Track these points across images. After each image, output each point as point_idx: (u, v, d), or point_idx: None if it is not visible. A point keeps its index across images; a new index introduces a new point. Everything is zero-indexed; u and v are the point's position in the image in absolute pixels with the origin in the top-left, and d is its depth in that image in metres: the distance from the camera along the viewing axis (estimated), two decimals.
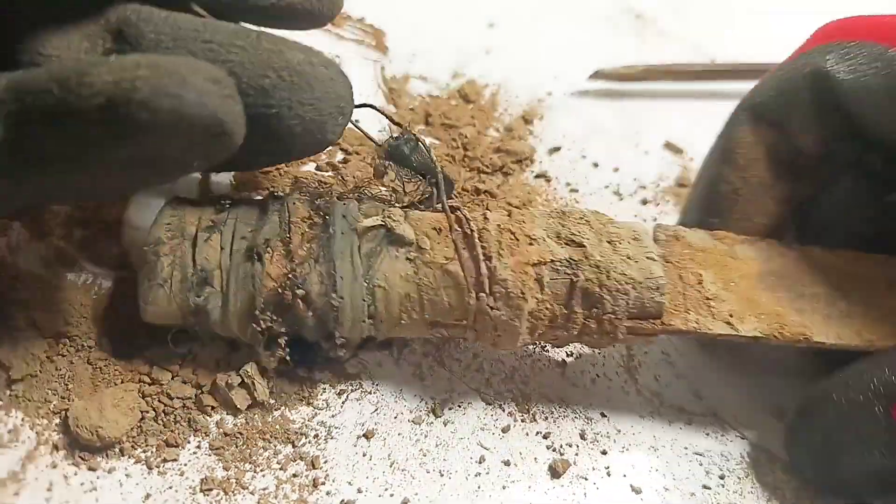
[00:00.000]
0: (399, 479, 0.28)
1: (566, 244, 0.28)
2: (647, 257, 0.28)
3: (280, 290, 0.27)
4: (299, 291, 0.26)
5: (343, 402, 0.30)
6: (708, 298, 0.29)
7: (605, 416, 0.32)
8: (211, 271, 0.27)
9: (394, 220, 0.28)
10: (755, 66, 0.48)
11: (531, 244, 0.28)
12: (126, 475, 0.27)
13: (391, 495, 0.28)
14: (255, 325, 0.27)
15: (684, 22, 0.52)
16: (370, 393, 0.31)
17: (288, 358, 0.28)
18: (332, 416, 0.30)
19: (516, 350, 0.30)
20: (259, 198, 0.30)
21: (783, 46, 0.34)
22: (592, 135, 0.44)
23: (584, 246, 0.28)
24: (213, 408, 0.29)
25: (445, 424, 0.30)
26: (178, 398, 0.28)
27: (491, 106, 0.44)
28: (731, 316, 0.29)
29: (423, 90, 0.44)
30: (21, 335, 0.29)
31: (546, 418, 0.31)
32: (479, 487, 0.29)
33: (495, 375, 0.32)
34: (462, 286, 0.27)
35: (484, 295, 0.27)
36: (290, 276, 0.27)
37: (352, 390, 0.30)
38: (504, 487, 0.29)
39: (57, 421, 0.28)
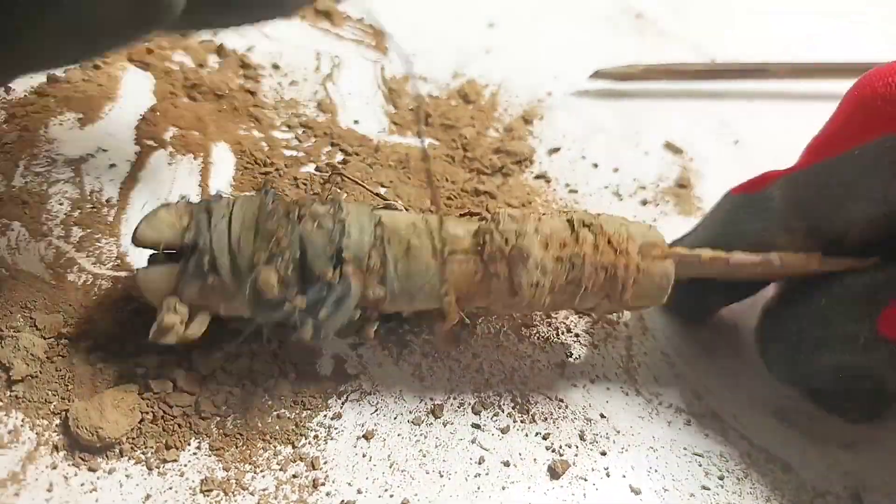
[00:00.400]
0: (399, 479, 0.29)
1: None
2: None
3: (287, 211, 0.27)
4: (309, 208, 0.28)
5: (343, 403, 0.30)
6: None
7: (605, 417, 0.32)
8: (219, 196, 0.28)
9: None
10: (755, 66, 0.48)
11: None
12: (126, 476, 0.27)
13: (391, 496, 0.28)
14: (264, 225, 0.27)
15: (684, 22, 0.52)
16: (370, 394, 0.31)
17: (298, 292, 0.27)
18: (332, 417, 0.30)
19: (532, 283, 0.28)
20: None
21: (783, 46, 0.34)
22: (592, 135, 0.44)
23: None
24: (213, 414, 0.29)
25: (445, 425, 0.30)
26: (177, 406, 0.28)
27: (491, 106, 0.44)
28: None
29: (423, 90, 0.44)
30: (21, 336, 0.29)
31: (545, 419, 0.31)
32: (478, 488, 0.29)
33: (494, 376, 0.32)
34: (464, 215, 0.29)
35: (487, 219, 0.29)
36: (297, 203, 0.28)
37: (351, 391, 0.31)
38: (503, 488, 0.29)
39: (57, 422, 0.28)
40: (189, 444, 0.28)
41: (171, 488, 0.27)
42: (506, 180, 0.40)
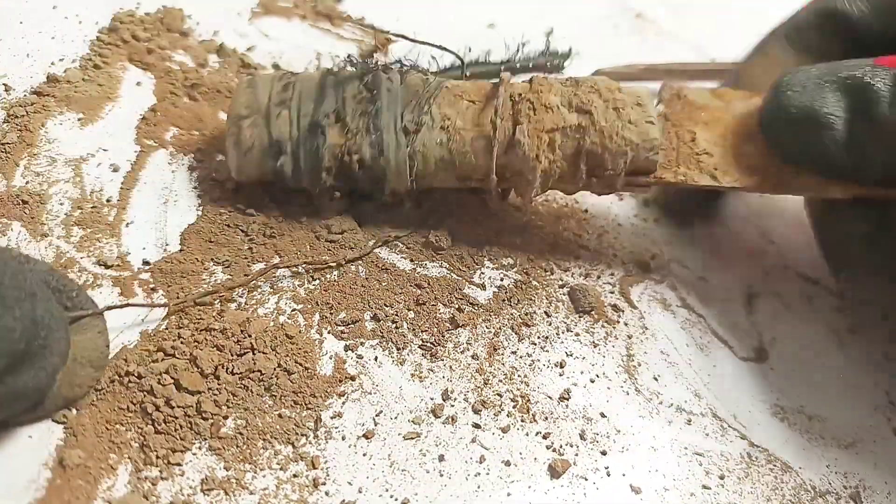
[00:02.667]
0: (399, 479, 0.29)
1: (577, 112, 0.32)
2: (647, 122, 0.32)
3: (339, 156, 0.33)
4: (355, 157, 0.33)
5: (343, 403, 0.30)
6: (697, 154, 0.34)
7: (605, 417, 0.32)
8: (284, 142, 0.33)
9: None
10: None
11: (547, 112, 0.32)
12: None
13: (391, 496, 0.28)
14: (321, 181, 0.33)
15: (684, 22, 0.52)
16: (370, 393, 0.31)
17: (338, 193, 0.34)
18: (332, 417, 0.30)
19: (529, 202, 0.34)
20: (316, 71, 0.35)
21: None
22: None
23: (591, 113, 0.32)
24: (213, 414, 0.29)
25: (445, 424, 0.30)
26: (178, 407, 0.28)
27: None
28: (715, 169, 0.33)
29: None
30: None
31: (546, 418, 0.31)
32: (478, 487, 0.29)
33: (495, 375, 0.32)
34: (488, 142, 0.32)
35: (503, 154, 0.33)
36: (346, 144, 0.33)
37: (352, 391, 0.31)
38: (504, 487, 0.29)
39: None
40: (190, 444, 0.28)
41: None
42: None
